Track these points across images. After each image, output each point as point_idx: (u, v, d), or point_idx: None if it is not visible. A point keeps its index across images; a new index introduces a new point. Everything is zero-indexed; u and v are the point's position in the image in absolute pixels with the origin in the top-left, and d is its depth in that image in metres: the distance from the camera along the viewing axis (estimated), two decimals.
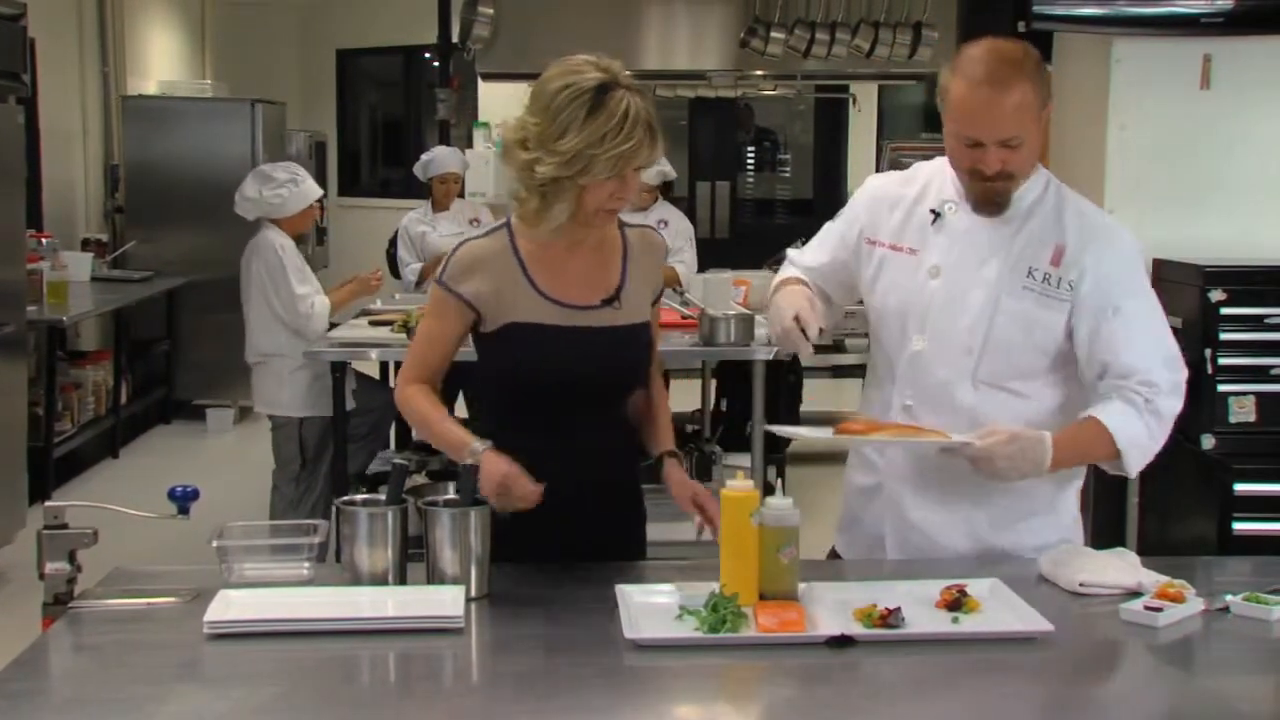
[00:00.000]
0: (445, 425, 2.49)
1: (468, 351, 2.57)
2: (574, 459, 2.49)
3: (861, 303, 2.69)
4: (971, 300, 2.49)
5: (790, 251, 2.83)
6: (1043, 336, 2.48)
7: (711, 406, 6.97)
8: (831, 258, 2.69)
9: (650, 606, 2.18)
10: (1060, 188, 2.55)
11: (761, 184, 11.98)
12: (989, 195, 2.47)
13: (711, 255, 7.10)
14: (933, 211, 2.55)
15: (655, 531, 2.64)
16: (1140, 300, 2.49)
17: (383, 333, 5.24)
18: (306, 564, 2.35)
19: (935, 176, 2.58)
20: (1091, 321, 2.45)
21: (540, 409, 2.50)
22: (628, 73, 2.39)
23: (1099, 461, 2.50)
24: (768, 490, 2.28)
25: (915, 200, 2.59)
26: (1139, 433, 2.43)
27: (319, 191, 5.44)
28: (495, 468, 2.32)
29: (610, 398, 2.56)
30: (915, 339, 2.53)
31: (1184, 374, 2.49)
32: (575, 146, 2.32)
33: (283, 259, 5.21)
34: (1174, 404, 2.46)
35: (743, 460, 5.85)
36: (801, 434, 2.70)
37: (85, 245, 8.13)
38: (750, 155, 11.88)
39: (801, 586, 2.23)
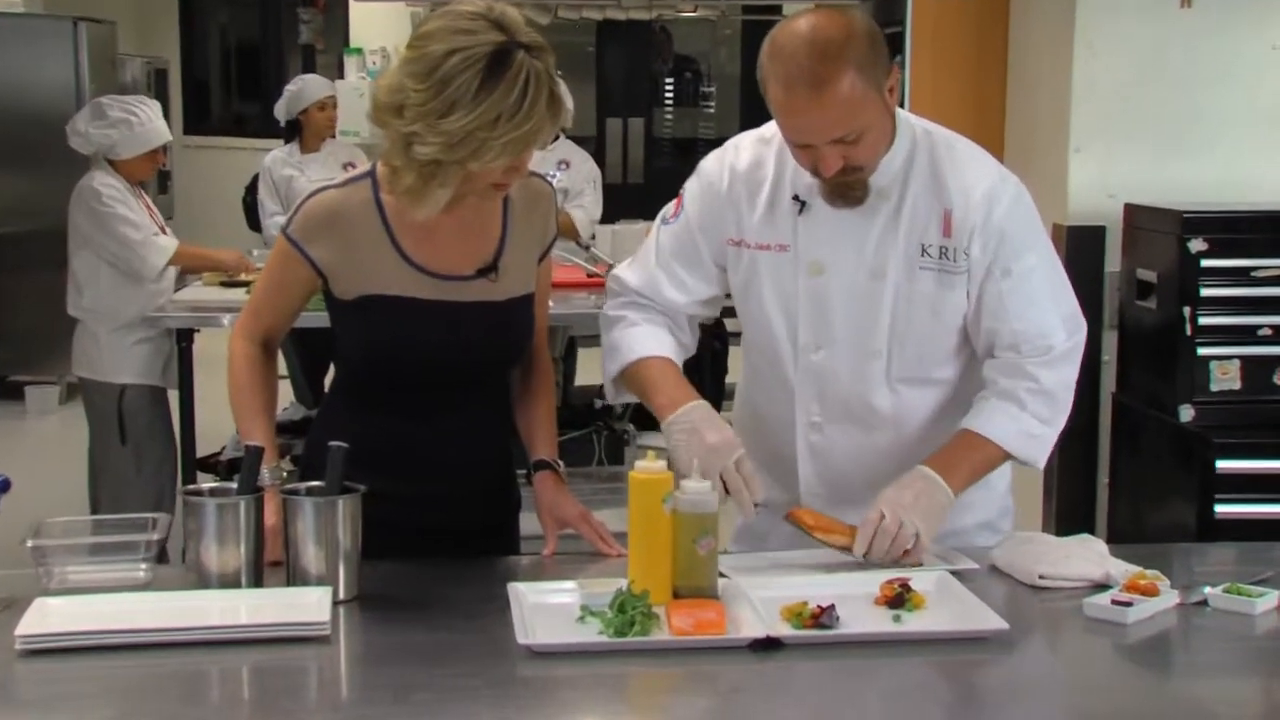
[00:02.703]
0: (252, 424, 2.47)
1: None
2: (439, 442, 2.52)
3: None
4: (866, 296, 2.48)
5: (622, 275, 2.66)
6: (952, 316, 2.49)
7: None
8: (701, 278, 2.60)
9: (547, 607, 2.18)
10: (931, 136, 2.50)
11: (681, 121, 12.01)
12: (840, 191, 2.43)
13: (623, 203, 7.11)
14: (797, 199, 2.50)
15: (530, 523, 2.64)
16: (1032, 258, 2.48)
17: (237, 294, 5.19)
18: (143, 565, 2.33)
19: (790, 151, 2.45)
20: (979, 286, 2.46)
21: (402, 388, 2.50)
22: (524, 14, 2.30)
23: (1000, 464, 2.52)
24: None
25: (774, 184, 2.53)
26: (1025, 427, 2.47)
27: (164, 137, 5.35)
28: (268, 515, 2.31)
29: (483, 379, 2.57)
30: (810, 349, 2.52)
31: (1082, 334, 2.53)
32: (464, 127, 2.22)
33: (101, 196, 5.13)
34: (1064, 373, 2.50)
35: (658, 440, 5.86)
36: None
37: None
38: (668, 88, 11.91)
39: (721, 582, 2.25)
